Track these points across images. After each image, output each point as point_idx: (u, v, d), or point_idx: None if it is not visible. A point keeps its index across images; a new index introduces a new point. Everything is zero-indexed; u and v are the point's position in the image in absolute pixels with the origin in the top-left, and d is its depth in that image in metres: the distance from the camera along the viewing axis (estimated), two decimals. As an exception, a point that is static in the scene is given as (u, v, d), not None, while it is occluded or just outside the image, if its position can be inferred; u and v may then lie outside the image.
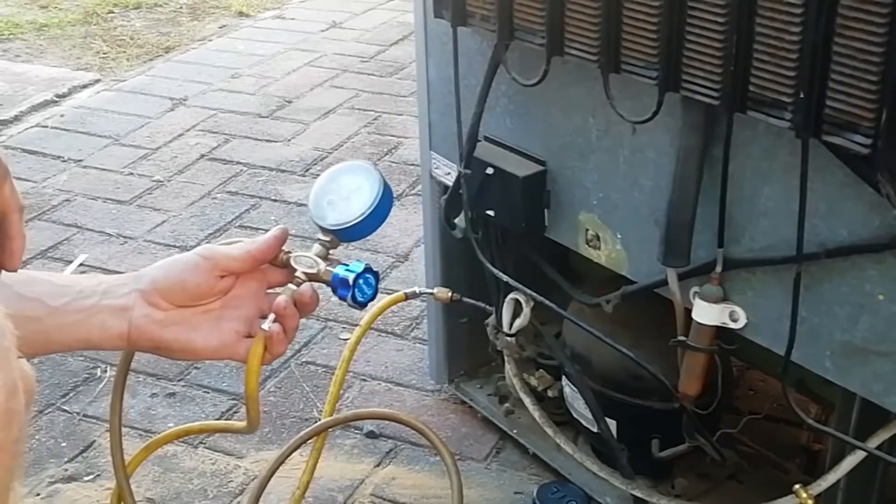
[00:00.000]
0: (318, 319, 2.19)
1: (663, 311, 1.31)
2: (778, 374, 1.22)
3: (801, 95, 0.98)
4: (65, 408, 1.94)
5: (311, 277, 1.00)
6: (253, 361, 0.96)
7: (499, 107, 1.46)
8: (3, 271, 0.72)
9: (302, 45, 3.95)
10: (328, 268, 1.00)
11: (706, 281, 1.23)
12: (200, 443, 1.85)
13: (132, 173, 2.91)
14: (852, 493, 1.31)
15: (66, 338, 0.92)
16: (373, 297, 1.01)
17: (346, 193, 1.02)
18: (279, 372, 2.03)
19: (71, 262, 2.43)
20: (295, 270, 1.00)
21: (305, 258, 1.01)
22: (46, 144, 3.09)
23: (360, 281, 0.99)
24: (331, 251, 1.02)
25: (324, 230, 1.02)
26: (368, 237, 1.04)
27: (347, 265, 1.00)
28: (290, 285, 0.99)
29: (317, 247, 1.02)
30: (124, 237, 2.56)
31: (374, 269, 1.01)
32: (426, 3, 1.52)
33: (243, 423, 1.08)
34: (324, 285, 1.01)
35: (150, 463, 1.76)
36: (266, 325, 0.96)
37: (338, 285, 0.99)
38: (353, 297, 0.99)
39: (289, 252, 1.01)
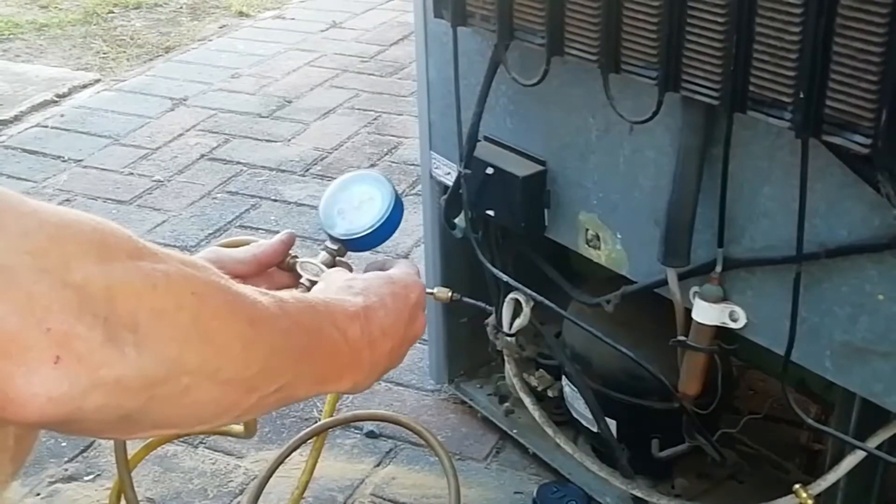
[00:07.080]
0: (318, 319, 2.18)
1: (663, 311, 1.31)
2: (778, 374, 1.22)
3: (801, 95, 0.98)
4: (65, 408, 1.94)
5: (315, 285, 1.00)
6: None
7: (499, 107, 1.46)
8: None
9: (302, 45, 3.94)
10: None
11: (706, 281, 1.23)
12: (200, 442, 1.84)
13: (132, 173, 2.91)
14: (852, 493, 1.31)
15: None
16: None
17: (357, 203, 1.02)
18: (279, 372, 2.03)
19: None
20: (300, 276, 1.00)
21: (311, 265, 1.00)
22: (46, 144, 3.09)
23: None
24: (338, 259, 1.02)
25: (332, 238, 1.02)
26: None
27: None
28: (294, 291, 0.99)
29: (323, 254, 1.02)
30: (124, 237, 2.55)
31: None
32: (426, 3, 1.52)
33: (241, 428, 1.08)
34: None
35: (151, 463, 1.76)
36: None
37: None
38: None
39: (295, 256, 1.01)
